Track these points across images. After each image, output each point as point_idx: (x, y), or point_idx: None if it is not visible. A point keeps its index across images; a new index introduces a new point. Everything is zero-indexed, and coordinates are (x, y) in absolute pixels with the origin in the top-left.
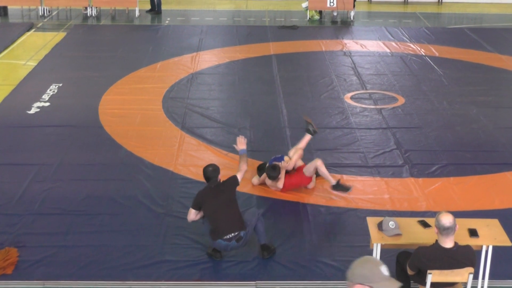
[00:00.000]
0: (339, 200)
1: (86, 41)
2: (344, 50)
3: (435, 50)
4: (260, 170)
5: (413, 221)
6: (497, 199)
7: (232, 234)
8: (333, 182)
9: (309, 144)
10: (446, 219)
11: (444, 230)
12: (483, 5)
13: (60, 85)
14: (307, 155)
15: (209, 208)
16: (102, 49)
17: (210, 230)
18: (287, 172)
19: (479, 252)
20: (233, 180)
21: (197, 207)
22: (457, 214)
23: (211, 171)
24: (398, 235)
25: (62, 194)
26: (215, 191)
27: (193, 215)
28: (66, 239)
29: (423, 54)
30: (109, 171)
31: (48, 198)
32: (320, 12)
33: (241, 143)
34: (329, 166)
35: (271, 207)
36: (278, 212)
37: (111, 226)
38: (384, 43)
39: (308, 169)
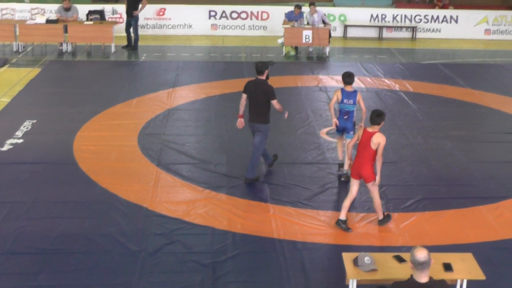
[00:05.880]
0: (315, 235)
1: (61, 77)
2: (319, 85)
3: (409, 85)
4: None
5: (388, 256)
6: (471, 233)
7: (251, 123)
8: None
9: (285, 179)
10: (421, 254)
11: (419, 265)
12: (456, 41)
13: (34, 121)
14: (283, 190)
15: (249, 95)
16: (78, 85)
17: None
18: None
19: (454, 286)
20: (271, 91)
21: (244, 92)
22: (432, 249)
23: (260, 66)
24: (374, 270)
25: (36, 233)
26: (256, 84)
27: (243, 97)
28: (39, 279)
29: (398, 89)
30: (83, 209)
31: (21, 237)
32: (296, 48)
33: None
34: (305, 202)
35: (247, 243)
36: (254, 248)
37: (86, 265)
38: (359, 79)
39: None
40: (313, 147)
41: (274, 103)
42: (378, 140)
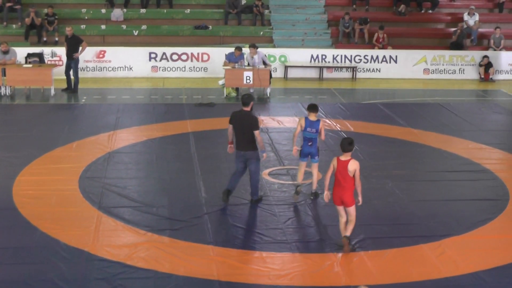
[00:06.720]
0: (258, 277)
1: None
2: (261, 126)
3: (350, 125)
4: None
5: None
6: (414, 271)
7: (241, 151)
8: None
9: (227, 220)
10: None
11: None
12: (395, 81)
13: None
14: (226, 232)
15: (234, 126)
16: (17, 129)
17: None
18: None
19: None
20: (254, 122)
21: (230, 122)
22: None
23: (246, 98)
24: None
25: None
26: (242, 116)
27: (229, 128)
28: None
29: (339, 129)
30: (23, 255)
31: None
32: (237, 89)
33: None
34: (248, 244)
35: (190, 286)
36: None
37: None
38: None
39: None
40: None
41: (256, 133)
42: (354, 167)
